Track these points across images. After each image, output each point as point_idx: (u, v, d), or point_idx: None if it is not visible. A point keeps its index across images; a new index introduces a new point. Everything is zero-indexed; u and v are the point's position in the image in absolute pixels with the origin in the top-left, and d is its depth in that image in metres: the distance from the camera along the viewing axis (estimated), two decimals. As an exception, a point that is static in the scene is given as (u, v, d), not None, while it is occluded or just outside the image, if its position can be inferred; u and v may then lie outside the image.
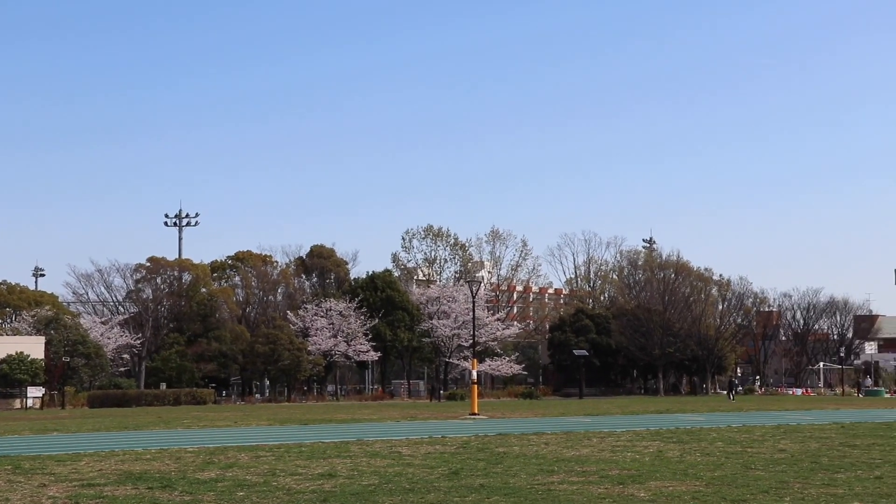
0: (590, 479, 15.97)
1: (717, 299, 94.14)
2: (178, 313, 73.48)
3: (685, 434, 26.89)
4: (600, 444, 23.13)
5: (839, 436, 26.19)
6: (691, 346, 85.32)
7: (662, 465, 18.30)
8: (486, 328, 74.91)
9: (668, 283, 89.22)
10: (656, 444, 23.08)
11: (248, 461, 19.47)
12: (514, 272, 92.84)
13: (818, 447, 22.28)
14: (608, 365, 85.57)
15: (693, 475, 16.53)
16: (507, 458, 19.67)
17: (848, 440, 24.48)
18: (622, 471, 17.23)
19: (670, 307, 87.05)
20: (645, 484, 15.37)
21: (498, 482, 15.74)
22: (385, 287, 75.99)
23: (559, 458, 19.76)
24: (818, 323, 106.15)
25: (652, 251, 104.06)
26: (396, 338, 74.44)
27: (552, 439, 25.05)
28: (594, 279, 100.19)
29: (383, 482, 15.83)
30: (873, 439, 24.78)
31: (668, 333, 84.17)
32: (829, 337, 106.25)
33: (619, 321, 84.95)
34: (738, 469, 17.51)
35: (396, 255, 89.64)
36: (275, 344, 67.71)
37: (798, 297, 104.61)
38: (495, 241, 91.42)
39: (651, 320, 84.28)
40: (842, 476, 16.41)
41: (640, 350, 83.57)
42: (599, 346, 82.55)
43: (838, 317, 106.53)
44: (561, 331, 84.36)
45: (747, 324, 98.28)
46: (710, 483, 15.45)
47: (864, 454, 20.48)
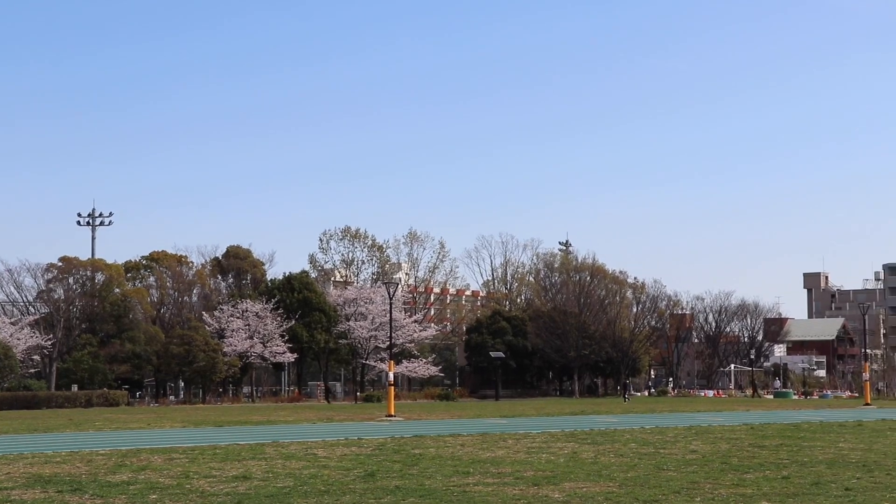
0: (505, 481, 16.07)
1: (632, 302, 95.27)
2: (90, 314, 72.16)
3: (599, 435, 27.20)
4: (516, 446, 23.28)
5: (749, 437, 26.71)
6: (606, 348, 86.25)
7: (577, 466, 18.49)
8: (403, 330, 74.83)
9: (584, 285, 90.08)
10: (571, 446, 23.31)
11: (162, 464, 19.22)
12: (432, 274, 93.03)
13: (728, 448, 22.69)
14: (524, 367, 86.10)
15: (607, 476, 16.73)
16: (423, 460, 19.71)
17: (757, 441, 24.97)
18: (537, 472, 17.37)
19: (586, 309, 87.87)
20: (559, 485, 15.51)
21: (414, 484, 15.76)
22: (302, 288, 75.55)
23: (475, 459, 19.84)
24: (729, 325, 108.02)
25: (568, 254, 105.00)
26: (313, 339, 74.04)
27: (468, 441, 25.14)
28: (511, 281, 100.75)
29: (298, 484, 15.75)
30: (781, 440, 25.32)
31: (584, 335, 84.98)
32: (740, 339, 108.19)
33: (535, 323, 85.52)
34: (650, 470, 17.75)
35: (313, 256, 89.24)
36: (190, 345, 66.89)
37: (710, 300, 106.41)
38: (413, 243, 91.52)
39: (567, 322, 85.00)
40: (751, 476, 16.73)
41: (555, 352, 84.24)
42: (516, 347, 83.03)
43: (749, 319, 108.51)
44: (478, 333, 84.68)
45: (661, 326, 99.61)
46: (624, 484, 15.64)
47: (773, 455, 20.91)
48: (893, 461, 19.45)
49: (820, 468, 18.07)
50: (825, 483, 15.76)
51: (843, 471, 17.61)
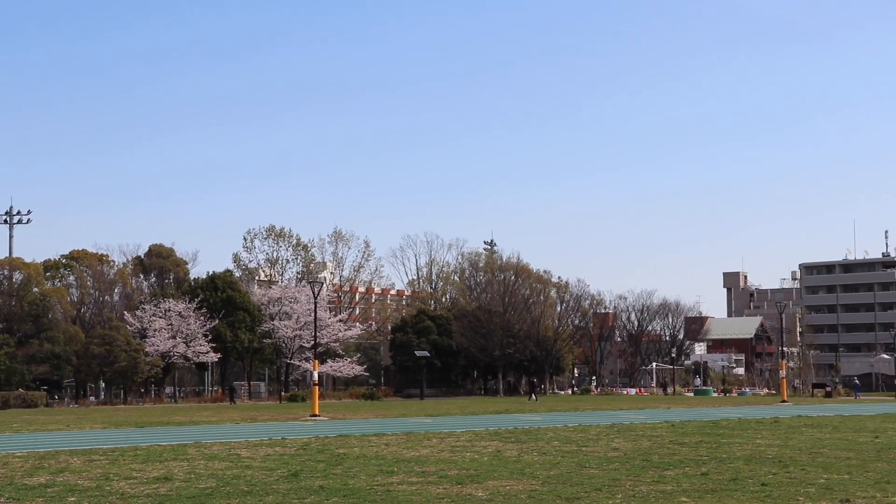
0: (429, 480, 16.11)
1: (556, 301, 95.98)
2: (7, 314, 70.68)
3: (523, 434, 27.38)
4: (440, 445, 23.34)
5: (669, 434, 27.08)
6: (530, 347, 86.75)
7: (500, 464, 18.60)
8: (328, 329, 74.49)
9: (509, 284, 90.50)
10: (495, 444, 23.43)
11: (81, 466, 18.94)
12: (357, 273, 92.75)
13: (650, 445, 22.99)
14: (449, 366, 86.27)
15: (530, 474, 16.86)
16: (348, 460, 19.68)
17: (677, 438, 25.34)
18: (461, 471, 17.44)
19: (510, 309, 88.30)
20: (483, 483, 15.60)
21: (337, 483, 15.74)
22: (226, 287, 74.85)
23: (399, 458, 19.86)
24: (651, 324, 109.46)
25: (493, 253, 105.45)
26: (237, 339, 73.39)
27: (392, 440, 25.15)
28: (436, 280, 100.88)
29: (221, 485, 15.63)
30: (701, 437, 25.73)
31: (508, 334, 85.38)
32: (662, 338, 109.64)
33: (460, 322, 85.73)
34: (573, 468, 17.93)
35: (238, 255, 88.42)
36: (111, 345, 65.88)
37: (633, 299, 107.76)
38: (338, 242, 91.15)
39: (491, 321, 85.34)
40: (671, 473, 16.98)
41: (480, 351, 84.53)
42: (441, 347, 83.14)
43: (670, 318, 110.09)
44: (403, 332, 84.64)
45: (584, 325, 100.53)
46: (546, 482, 15.78)
47: (693, 452, 21.24)
48: (808, 457, 19.88)
49: (738, 464, 18.41)
50: (742, 479, 16.06)
51: (760, 466, 17.96)
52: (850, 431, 27.99)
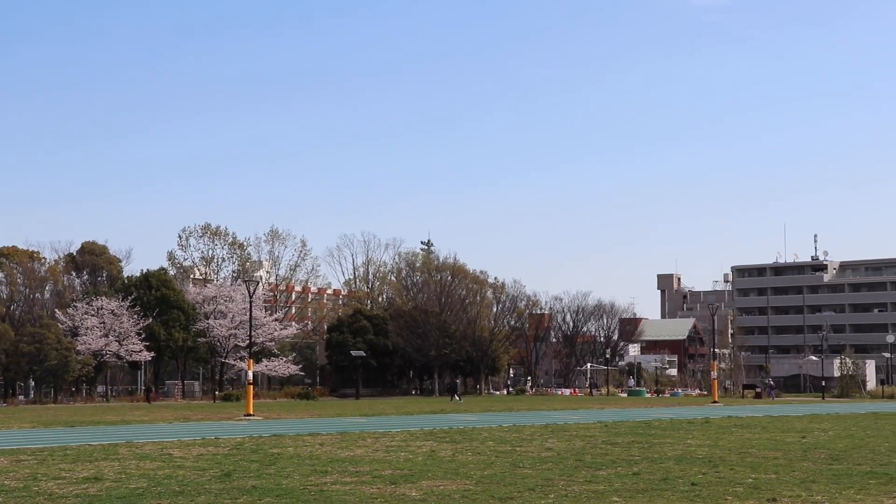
0: (363, 480, 16.11)
1: (492, 301, 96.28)
2: (-66, 310, 69.44)
3: (458, 434, 27.46)
4: (375, 445, 23.34)
5: (602, 434, 27.33)
6: (466, 348, 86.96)
7: (435, 464, 18.65)
8: (263, 328, 74.01)
9: (445, 285, 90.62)
10: (429, 444, 23.48)
11: (8, 465, 18.65)
12: (293, 272, 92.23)
13: (583, 445, 23.19)
14: (385, 365, 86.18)
15: (464, 474, 16.92)
16: (281, 459, 19.60)
17: (610, 438, 25.58)
18: (395, 471, 17.46)
19: (447, 309, 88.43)
20: (417, 483, 15.64)
21: (270, 483, 15.67)
22: (160, 286, 74.08)
23: (333, 458, 19.83)
24: (586, 325, 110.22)
25: (430, 253, 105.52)
26: (171, 337, 72.69)
27: (327, 440, 25.10)
28: (373, 280, 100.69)
29: (152, 485, 15.49)
30: (633, 437, 26.00)
31: (444, 335, 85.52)
32: (597, 339, 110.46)
33: (396, 322, 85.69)
34: (506, 467, 18.03)
35: (172, 253, 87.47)
36: (41, 343, 64.90)
37: (568, 301, 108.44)
38: (274, 241, 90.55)
39: (428, 322, 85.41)
40: (603, 473, 17.15)
41: (416, 351, 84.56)
42: (377, 346, 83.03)
43: (605, 319, 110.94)
44: (339, 331, 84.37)
45: (520, 326, 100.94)
46: (480, 482, 15.86)
47: (625, 452, 21.46)
48: (737, 456, 20.19)
49: (669, 464, 18.64)
50: (673, 478, 16.27)
51: (691, 466, 18.20)
52: (778, 432, 28.47)
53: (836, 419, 36.83)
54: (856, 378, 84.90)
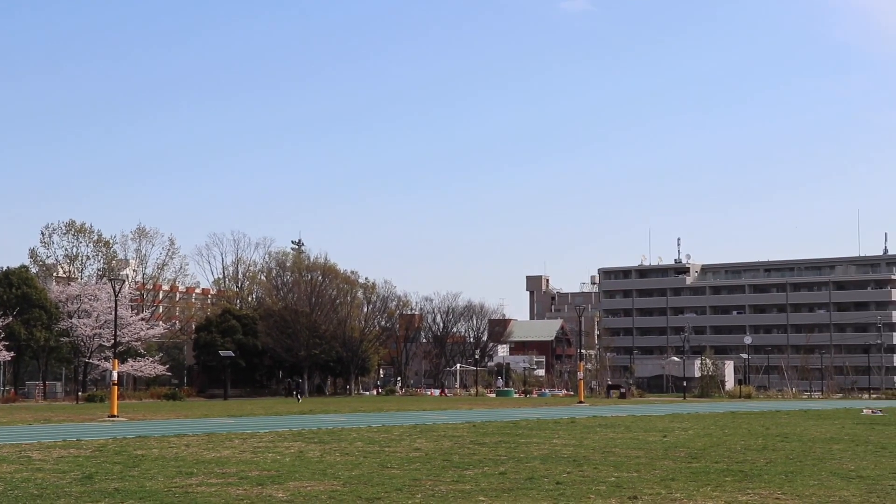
0: (229, 481, 15.96)
1: (363, 302, 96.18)
2: None
3: (326, 434, 27.37)
4: (242, 446, 23.11)
5: (470, 434, 27.58)
6: (336, 348, 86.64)
7: (302, 465, 18.57)
8: (129, 328, 72.39)
9: (316, 284, 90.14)
10: (298, 445, 23.36)
11: None
12: (161, 271, 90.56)
13: (451, 445, 23.37)
14: (254, 366, 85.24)
15: (331, 475, 16.90)
16: (145, 461, 19.26)
17: (478, 438, 25.83)
18: (262, 472, 17.33)
19: (317, 309, 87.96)
20: (284, 484, 15.56)
21: (134, 486, 15.39)
22: (20, 284, 71.82)
23: (199, 459, 19.57)
24: (456, 326, 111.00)
25: (300, 253, 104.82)
26: (32, 337, 70.53)
27: (193, 441, 24.73)
28: (242, 280, 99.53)
29: (9, 489, 15.05)
30: (501, 437, 26.31)
31: (314, 335, 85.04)
32: (466, 339, 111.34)
33: (266, 322, 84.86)
34: (374, 468, 18.07)
35: (34, 250, 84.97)
36: None
37: (439, 301, 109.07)
38: (141, 239, 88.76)
39: (298, 322, 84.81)
40: (470, 473, 17.32)
41: (286, 351, 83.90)
42: (246, 347, 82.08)
43: (475, 320, 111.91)
44: (207, 331, 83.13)
45: (391, 326, 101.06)
46: (348, 482, 15.86)
47: (492, 451, 21.71)
48: (601, 456, 20.63)
49: (534, 463, 18.93)
50: (538, 478, 16.54)
51: (556, 465, 18.53)
52: (640, 431, 29.15)
53: (696, 418, 37.89)
54: (715, 378, 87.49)
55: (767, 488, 15.23)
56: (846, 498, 14.19)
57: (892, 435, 27.64)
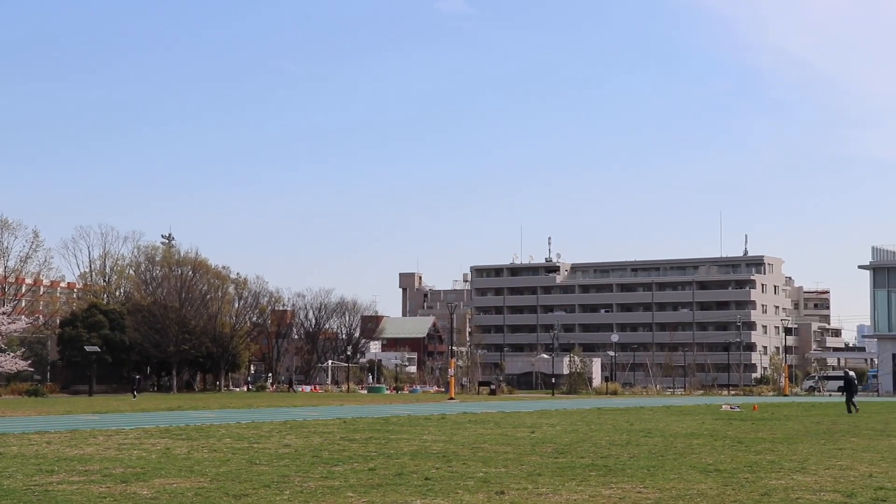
0: (92, 479, 15.64)
1: (234, 297, 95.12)
2: None
3: (195, 431, 27.03)
4: (106, 443, 22.65)
5: (341, 430, 27.56)
6: (206, 343, 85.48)
7: (169, 462, 18.32)
8: (-12, 322, 70.14)
9: (186, 279, 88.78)
10: (164, 442, 23.01)
11: None
12: (24, 264, 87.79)
13: (321, 442, 23.32)
14: (121, 361, 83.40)
15: (198, 472, 16.71)
16: (4, 459, 18.74)
17: (348, 435, 25.83)
18: (126, 469, 17.04)
19: (187, 304, 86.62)
20: (149, 482, 15.33)
21: (-8, 484, 14.97)
22: None
23: (61, 457, 19.12)
24: (329, 322, 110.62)
25: (171, 247, 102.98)
26: None
27: (55, 438, 24.14)
28: (110, 274, 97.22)
29: None
30: (371, 433, 26.37)
31: (184, 330, 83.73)
32: (339, 336, 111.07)
33: (134, 317, 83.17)
34: (243, 465, 17.92)
35: None
36: None
37: (311, 297, 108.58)
38: (3, 231, 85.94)
39: (167, 317, 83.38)
40: (339, 469, 17.33)
41: (154, 347, 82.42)
42: (113, 342, 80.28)
43: (347, 317, 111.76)
44: (72, 326, 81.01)
45: (262, 322, 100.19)
46: (215, 479, 15.71)
47: (362, 448, 21.75)
48: (470, 451, 20.86)
49: (404, 459, 19.04)
50: (407, 473, 16.64)
51: (425, 461, 18.67)
52: (509, 427, 29.54)
53: (564, 414, 38.56)
54: (583, 375, 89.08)
55: (630, 482, 15.63)
56: (703, 490, 14.66)
57: (748, 430, 28.61)
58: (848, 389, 41.20)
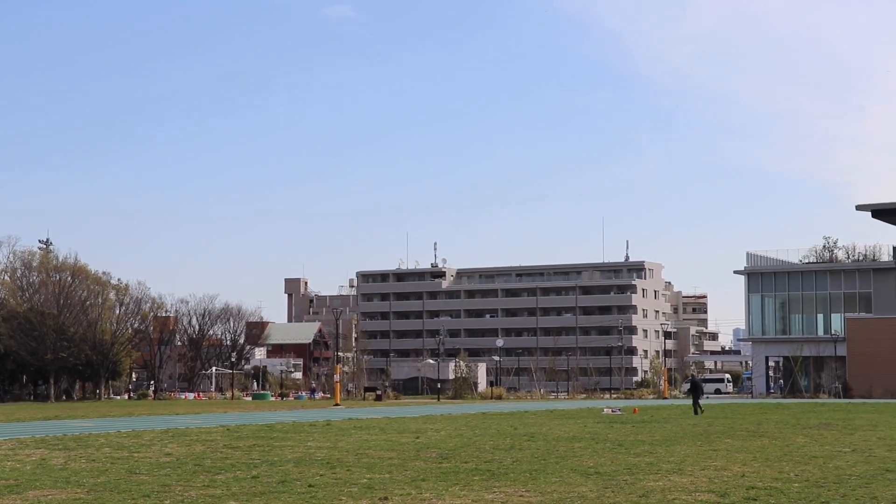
0: (-38, 492, 15.21)
1: (115, 304, 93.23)
2: None
3: (72, 441, 26.40)
4: (-21, 454, 22.00)
5: (224, 438, 27.22)
6: (86, 351, 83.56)
7: (44, 473, 17.88)
8: None
9: (64, 286, 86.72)
10: (40, 452, 22.44)
11: None
12: None
13: (203, 450, 23.01)
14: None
15: (75, 482, 16.37)
16: None
17: (231, 442, 25.53)
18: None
19: (65, 311, 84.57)
20: (23, 494, 14.96)
21: None
22: None
23: (-70, 470, 18.51)
24: (213, 328, 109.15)
25: (48, 252, 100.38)
26: None
27: (-75, 451, 23.33)
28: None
29: None
30: (255, 440, 26.12)
31: (63, 338, 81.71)
32: (223, 342, 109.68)
33: (9, 324, 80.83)
34: (122, 474, 17.60)
35: None
36: None
37: (195, 303, 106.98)
38: None
39: (44, 324, 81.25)
40: (222, 477, 17.14)
41: (31, 354, 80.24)
42: (-14, 350, 77.95)
43: (232, 323, 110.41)
44: (-58, 334, 78.43)
45: (144, 328, 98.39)
46: (93, 490, 15.41)
47: (245, 455, 21.53)
48: (354, 458, 20.85)
49: (288, 467, 18.93)
50: (291, 481, 16.56)
51: (309, 468, 18.60)
52: (394, 433, 29.57)
53: (449, 419, 38.75)
54: (468, 380, 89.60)
55: (513, 486, 15.83)
56: (584, 493, 14.93)
57: (628, 433, 29.18)
58: (694, 392, 44.62)
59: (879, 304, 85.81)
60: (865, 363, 78.92)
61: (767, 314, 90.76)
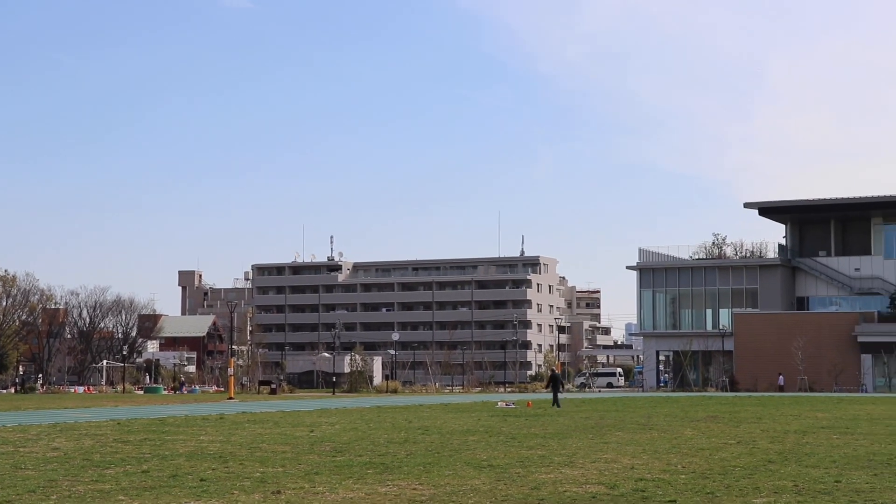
0: None
1: (2, 295, 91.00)
2: None
3: (-46, 436, 25.71)
4: None
5: (114, 432, 26.77)
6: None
7: (-75, 469, 17.40)
8: None
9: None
10: (-79, 448, 21.81)
11: None
12: None
13: (92, 444, 22.61)
14: None
15: (-43, 478, 15.96)
16: None
17: (122, 436, 25.13)
18: None
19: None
20: None
21: None
22: None
23: None
24: (104, 321, 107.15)
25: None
26: None
27: None
28: None
29: None
30: (146, 434, 25.74)
31: (-55, 330, 79.44)
32: (115, 335, 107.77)
33: None
34: (6, 470, 17.21)
35: None
36: None
37: (85, 296, 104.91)
38: None
39: (-75, 315, 78.88)
40: (111, 472, 16.87)
41: None
42: None
43: (124, 315, 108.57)
44: None
45: (32, 321, 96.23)
46: (-25, 485, 15.05)
47: (136, 449, 21.21)
48: (248, 451, 20.69)
49: (179, 461, 18.71)
50: (182, 475, 16.37)
51: (201, 462, 18.41)
52: (288, 426, 29.43)
53: (344, 413, 38.69)
54: (364, 374, 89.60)
55: (406, 479, 15.91)
56: (477, 486, 15.09)
57: (521, 426, 29.52)
58: (554, 386, 45.52)
59: (765, 300, 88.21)
60: (751, 357, 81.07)
61: (658, 309, 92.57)
